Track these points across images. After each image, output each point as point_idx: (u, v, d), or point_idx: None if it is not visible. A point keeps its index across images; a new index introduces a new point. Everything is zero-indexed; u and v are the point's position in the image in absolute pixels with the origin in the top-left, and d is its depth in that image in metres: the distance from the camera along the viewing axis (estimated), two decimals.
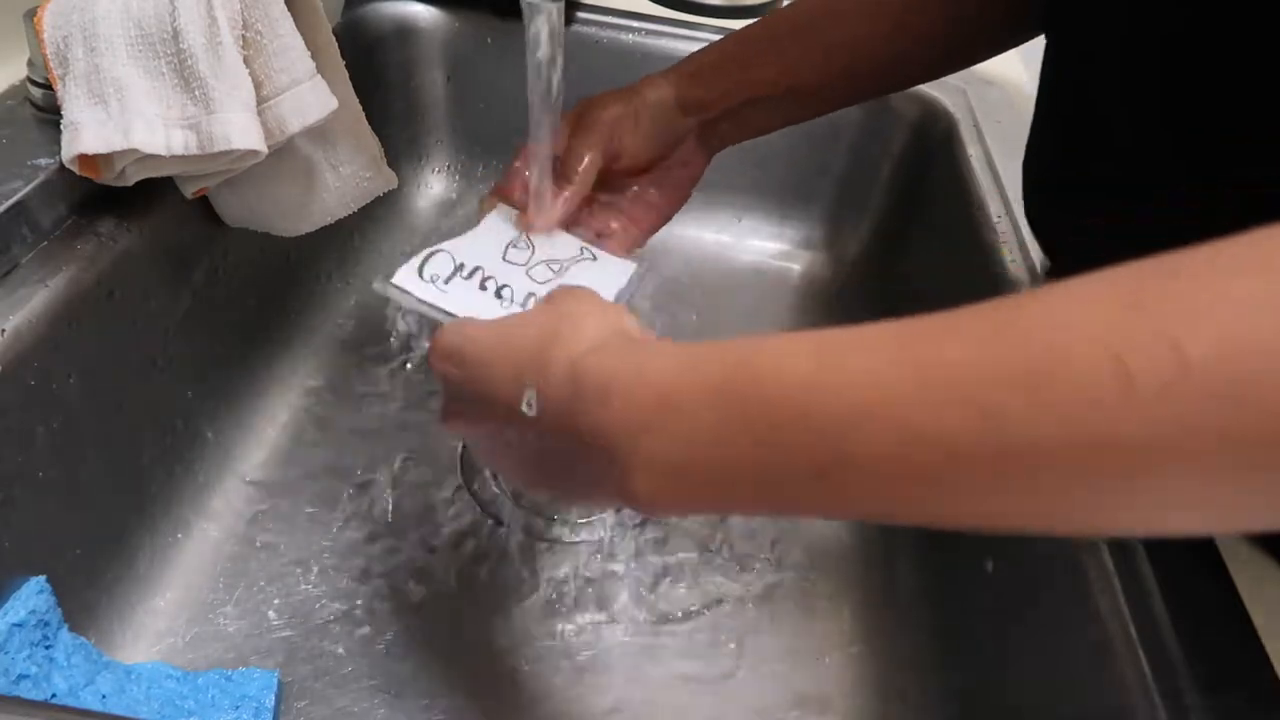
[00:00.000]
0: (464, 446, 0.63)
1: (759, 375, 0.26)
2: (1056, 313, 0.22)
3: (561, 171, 0.52)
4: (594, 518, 0.60)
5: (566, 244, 0.53)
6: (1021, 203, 0.54)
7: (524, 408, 0.31)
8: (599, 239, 0.54)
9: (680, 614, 0.55)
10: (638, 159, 0.54)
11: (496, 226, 0.53)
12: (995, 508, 0.24)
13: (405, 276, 0.48)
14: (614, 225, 0.55)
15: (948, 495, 0.24)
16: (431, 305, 0.47)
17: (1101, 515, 0.23)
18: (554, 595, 0.55)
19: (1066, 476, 0.22)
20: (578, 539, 0.58)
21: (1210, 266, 0.21)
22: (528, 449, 0.33)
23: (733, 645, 0.54)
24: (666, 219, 0.57)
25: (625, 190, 0.56)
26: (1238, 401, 0.20)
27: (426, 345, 0.47)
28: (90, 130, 0.42)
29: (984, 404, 0.22)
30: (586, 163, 0.52)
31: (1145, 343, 0.21)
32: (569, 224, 0.54)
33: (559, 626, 0.53)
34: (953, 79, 0.69)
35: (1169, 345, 0.20)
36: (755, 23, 0.54)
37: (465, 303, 0.48)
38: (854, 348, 0.25)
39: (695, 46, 0.78)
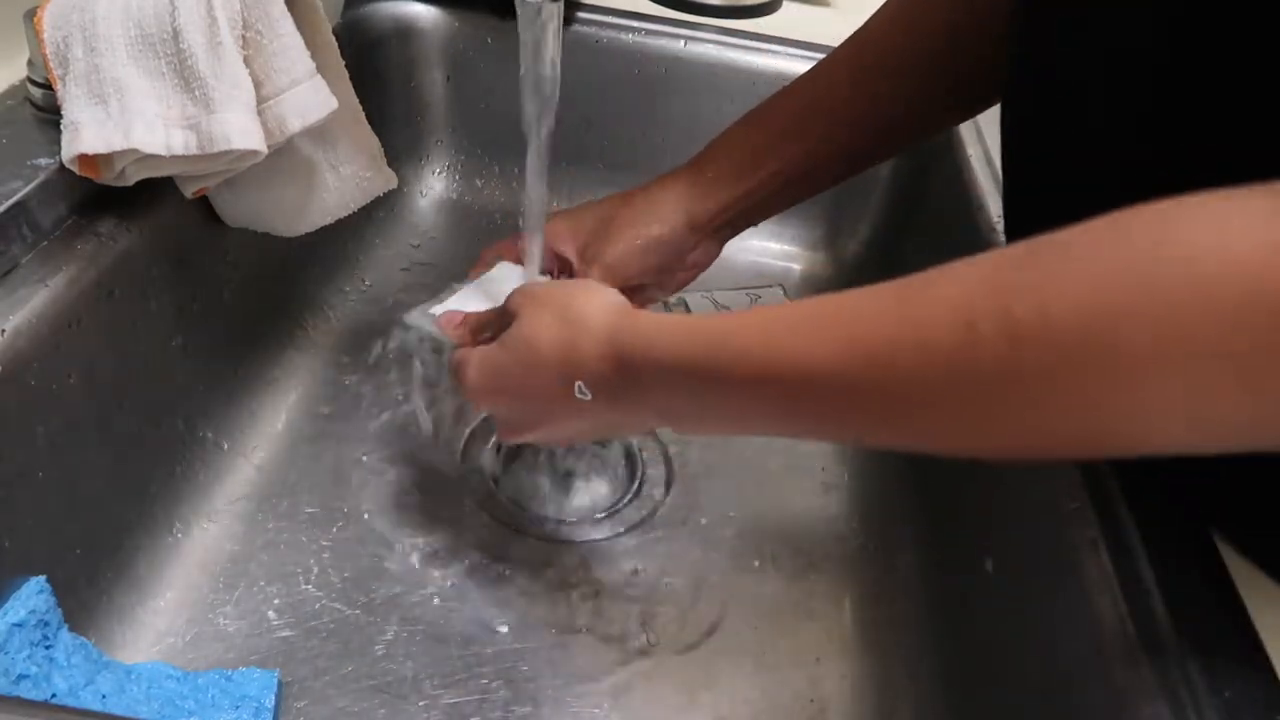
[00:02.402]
0: (463, 448, 0.63)
1: (730, 353, 0.36)
2: (940, 291, 0.31)
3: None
4: (596, 520, 0.60)
5: None
6: None
7: (578, 395, 0.41)
8: None
9: (680, 615, 0.55)
10: (640, 282, 0.56)
11: (506, 274, 0.56)
12: (899, 434, 0.35)
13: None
14: None
15: (867, 425, 0.34)
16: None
17: (969, 439, 0.32)
18: (555, 596, 0.55)
19: (939, 409, 0.31)
20: (579, 539, 0.58)
21: (1057, 250, 0.28)
22: (583, 424, 0.44)
23: (732, 645, 0.54)
24: (656, 300, 0.60)
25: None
26: (1044, 349, 0.27)
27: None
28: (90, 130, 0.42)
29: (888, 366, 0.31)
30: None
31: (990, 311, 0.28)
32: None
33: (559, 627, 0.53)
34: None
35: (1003, 309, 0.28)
36: (755, 112, 0.56)
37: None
38: (794, 326, 0.34)
39: (695, 46, 0.80)
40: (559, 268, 0.57)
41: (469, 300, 0.54)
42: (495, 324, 0.47)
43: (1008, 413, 0.29)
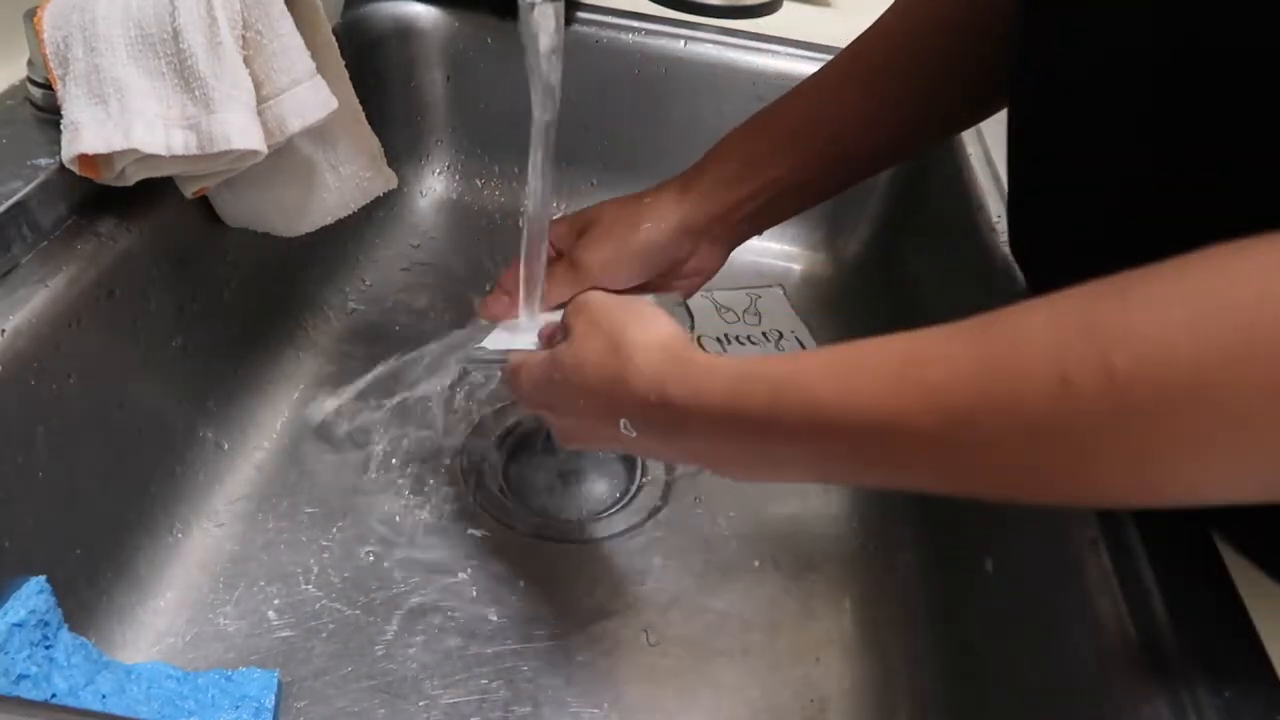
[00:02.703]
0: (463, 448, 0.63)
1: (795, 404, 0.34)
2: (1029, 336, 0.29)
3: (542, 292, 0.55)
4: (596, 520, 0.60)
5: None
6: None
7: (623, 430, 0.40)
8: None
9: (680, 615, 0.55)
10: (628, 286, 0.55)
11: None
12: (980, 486, 0.32)
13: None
14: None
15: (944, 478, 0.32)
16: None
17: (1054, 491, 0.30)
18: (555, 595, 0.55)
19: (1028, 464, 0.29)
20: (580, 539, 0.58)
21: (1150, 293, 0.27)
22: (630, 449, 0.44)
23: (732, 645, 0.54)
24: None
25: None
26: (1146, 404, 0.26)
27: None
28: (90, 130, 0.42)
29: (971, 421, 0.29)
30: (559, 295, 0.54)
31: (1086, 360, 0.27)
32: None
33: (559, 627, 0.53)
34: None
35: (1101, 361, 0.26)
36: (756, 117, 0.55)
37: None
38: (870, 374, 0.32)
39: (695, 46, 0.80)
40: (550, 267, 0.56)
41: (518, 336, 0.53)
42: (559, 332, 0.46)
43: (1102, 467, 0.28)
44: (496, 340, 0.53)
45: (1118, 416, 0.26)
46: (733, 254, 0.57)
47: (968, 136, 0.71)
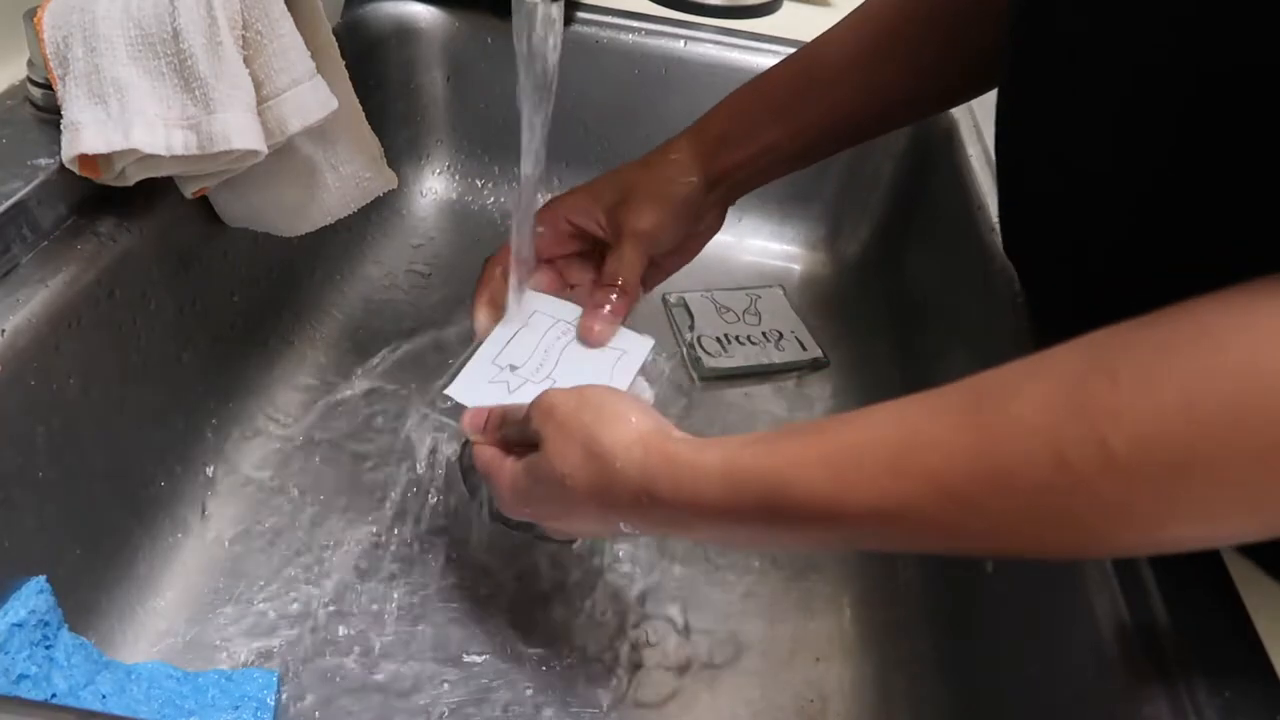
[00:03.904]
0: (463, 450, 0.63)
1: (791, 500, 0.33)
2: (1022, 415, 0.29)
3: (610, 280, 0.53)
4: None
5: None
6: None
7: (623, 529, 0.40)
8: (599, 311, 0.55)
9: (681, 615, 0.55)
10: (671, 247, 0.55)
11: (513, 337, 0.53)
12: (972, 552, 0.33)
13: (466, 390, 0.50)
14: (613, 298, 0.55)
15: (938, 549, 0.33)
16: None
17: (1052, 554, 0.33)
18: (554, 595, 0.55)
19: (1025, 539, 0.30)
20: (579, 543, 0.58)
21: (1140, 373, 0.27)
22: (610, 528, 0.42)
23: (732, 646, 0.54)
24: (677, 269, 0.59)
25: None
26: (1143, 481, 0.27)
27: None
28: (90, 130, 0.42)
29: (969, 503, 0.30)
30: (634, 273, 0.53)
31: (1082, 441, 0.27)
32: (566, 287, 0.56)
33: (559, 627, 0.53)
34: None
35: (1099, 441, 0.27)
36: (756, 81, 0.55)
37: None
38: (859, 462, 0.32)
39: (695, 46, 0.80)
40: (576, 248, 0.55)
41: (481, 375, 0.51)
42: (517, 431, 0.44)
43: (1106, 537, 0.29)
44: (464, 387, 0.51)
45: (1118, 494, 0.27)
46: (733, 254, 0.57)
47: (968, 136, 0.71)
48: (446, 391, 0.50)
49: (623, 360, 0.52)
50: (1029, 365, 0.30)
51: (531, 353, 0.52)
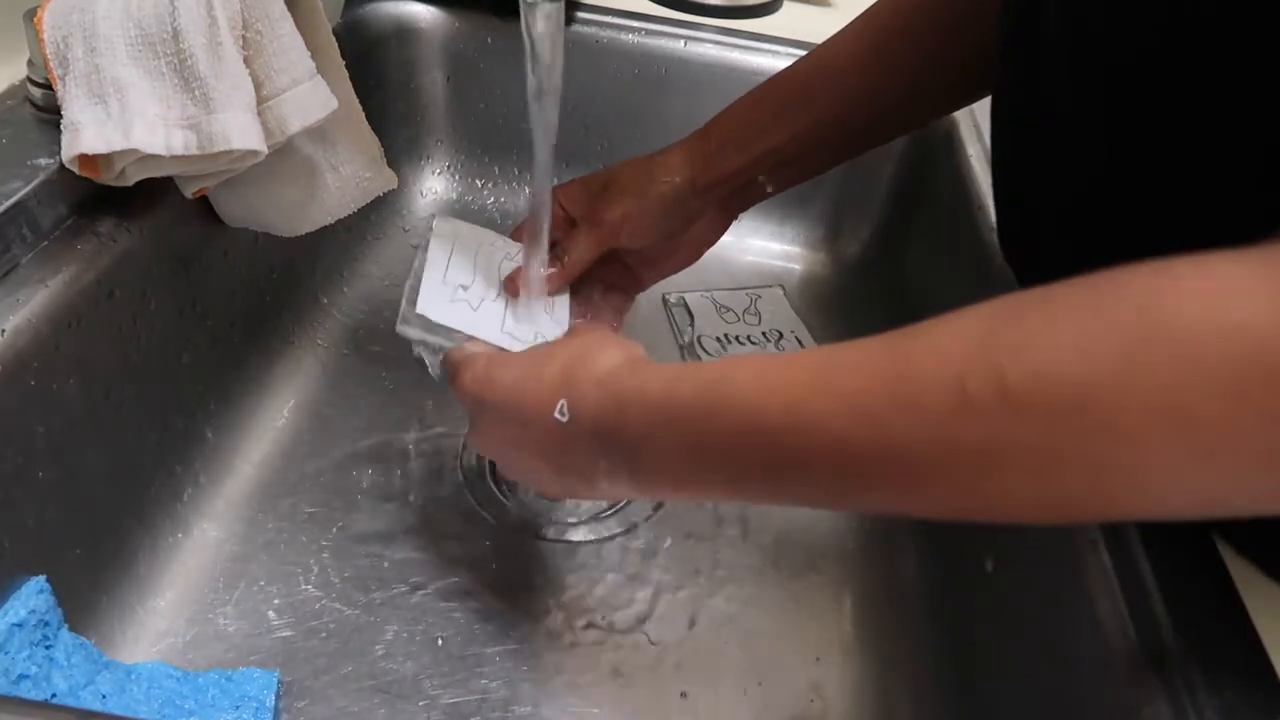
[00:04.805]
0: (463, 448, 0.63)
1: (722, 396, 0.34)
2: (933, 345, 0.30)
3: (558, 254, 0.56)
4: (596, 520, 0.60)
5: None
6: None
7: (557, 415, 0.39)
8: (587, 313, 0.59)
9: (681, 615, 0.55)
10: (645, 244, 0.57)
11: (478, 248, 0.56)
12: (891, 496, 0.32)
13: (430, 307, 0.52)
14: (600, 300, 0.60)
15: (857, 486, 0.32)
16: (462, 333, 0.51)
17: (965, 502, 0.30)
18: (554, 595, 0.55)
19: (934, 473, 0.29)
20: (580, 540, 0.58)
21: (1048, 311, 0.28)
22: (551, 454, 0.41)
23: (732, 645, 0.54)
24: (675, 271, 0.60)
25: (635, 253, 0.59)
26: (1037, 417, 0.27)
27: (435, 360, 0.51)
28: (90, 130, 0.42)
29: (879, 424, 0.30)
30: (581, 255, 0.56)
31: (983, 371, 0.27)
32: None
33: (559, 628, 0.53)
34: None
35: (997, 374, 0.27)
36: (760, 87, 0.56)
37: (489, 326, 0.53)
38: (788, 376, 0.33)
39: (695, 46, 0.80)
40: (566, 230, 0.57)
41: (439, 295, 0.53)
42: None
43: (1004, 477, 0.28)
44: (430, 306, 0.52)
45: (1012, 428, 0.27)
46: (733, 254, 0.57)
47: (968, 136, 0.71)
48: (418, 311, 0.51)
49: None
50: (961, 309, 0.30)
51: (474, 273, 0.55)
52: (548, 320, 0.55)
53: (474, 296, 0.54)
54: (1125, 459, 0.26)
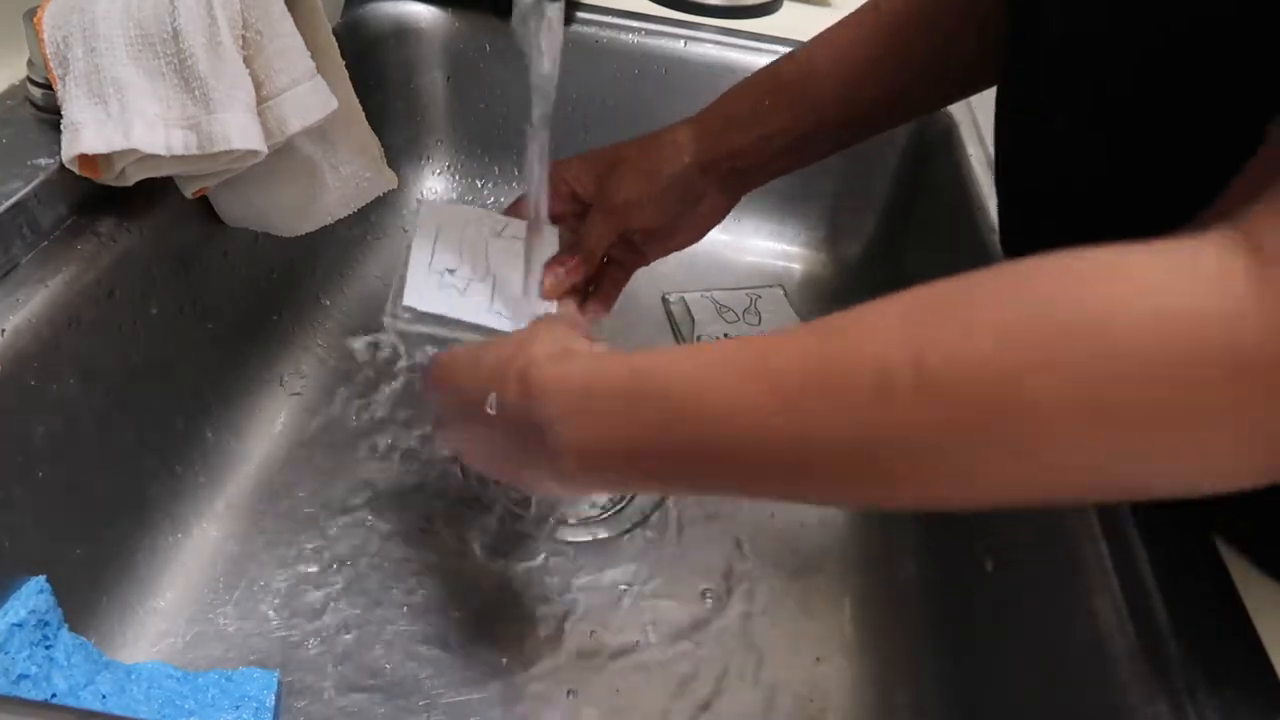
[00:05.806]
0: None
1: (653, 379, 0.34)
2: (857, 333, 0.30)
3: (575, 245, 0.56)
4: (595, 520, 0.60)
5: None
6: None
7: (488, 408, 0.39)
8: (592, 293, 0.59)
9: (681, 615, 0.55)
10: (655, 225, 0.56)
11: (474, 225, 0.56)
12: (814, 484, 0.32)
13: (416, 296, 0.52)
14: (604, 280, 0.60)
15: (779, 473, 0.32)
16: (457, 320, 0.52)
17: (887, 490, 0.31)
18: (555, 595, 0.55)
19: (854, 459, 0.29)
20: (580, 539, 0.58)
21: (967, 298, 0.28)
22: (494, 444, 0.41)
23: (732, 645, 0.54)
24: (679, 249, 0.60)
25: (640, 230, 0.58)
26: (955, 403, 0.27)
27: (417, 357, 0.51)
28: (90, 130, 0.42)
29: (801, 409, 0.30)
30: (598, 242, 0.56)
31: (903, 359, 0.28)
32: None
33: (559, 627, 0.53)
34: None
35: (916, 359, 0.27)
36: (765, 69, 0.56)
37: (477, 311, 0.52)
38: (721, 365, 0.32)
39: (695, 47, 0.80)
40: (572, 209, 0.57)
41: (427, 282, 0.53)
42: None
43: (924, 464, 0.28)
44: (417, 295, 0.52)
45: (932, 415, 0.27)
46: (733, 254, 0.57)
47: (968, 136, 0.71)
48: (405, 302, 0.52)
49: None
50: (893, 294, 0.31)
51: (460, 256, 0.55)
52: (536, 298, 0.55)
53: (460, 279, 0.53)
54: (1043, 445, 0.26)
